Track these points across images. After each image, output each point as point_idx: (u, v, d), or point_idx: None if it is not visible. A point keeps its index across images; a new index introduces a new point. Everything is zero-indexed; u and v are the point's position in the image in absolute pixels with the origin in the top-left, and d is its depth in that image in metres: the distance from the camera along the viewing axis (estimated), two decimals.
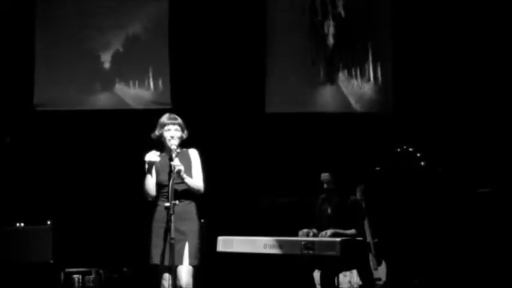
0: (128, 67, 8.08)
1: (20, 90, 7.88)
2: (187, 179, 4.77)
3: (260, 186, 7.63)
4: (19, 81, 7.88)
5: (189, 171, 4.84)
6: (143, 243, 4.90)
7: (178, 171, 4.68)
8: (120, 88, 8.04)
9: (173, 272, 4.66)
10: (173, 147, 4.80)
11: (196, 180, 4.86)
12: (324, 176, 5.94)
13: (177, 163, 4.70)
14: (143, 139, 5.19)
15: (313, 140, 7.73)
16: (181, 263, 4.70)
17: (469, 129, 7.46)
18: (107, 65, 8.06)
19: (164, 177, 4.83)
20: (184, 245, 4.71)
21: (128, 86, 8.05)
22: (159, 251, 4.74)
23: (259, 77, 8.03)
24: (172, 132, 4.87)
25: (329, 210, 5.92)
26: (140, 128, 5.76)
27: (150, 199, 4.85)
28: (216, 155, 6.65)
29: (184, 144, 4.97)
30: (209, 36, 7.97)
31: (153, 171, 4.86)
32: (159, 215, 4.82)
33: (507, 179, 6.95)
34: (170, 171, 4.70)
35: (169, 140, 4.85)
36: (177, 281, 4.69)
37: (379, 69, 8.05)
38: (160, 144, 4.91)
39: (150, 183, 4.84)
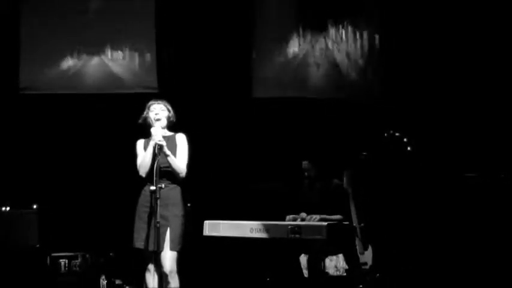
0: (115, 46, 8.06)
1: (5, 74, 7.83)
2: (170, 157, 4.79)
3: (247, 171, 7.64)
4: (4, 65, 7.83)
5: (174, 155, 4.86)
6: (129, 228, 4.96)
7: (160, 147, 4.69)
8: (105, 65, 8.02)
9: (158, 255, 4.71)
10: (156, 123, 4.83)
11: (179, 161, 4.86)
12: (304, 164, 6.02)
13: (158, 138, 4.71)
14: (130, 124, 5.25)
15: (300, 125, 7.76)
16: (163, 248, 4.72)
17: (458, 114, 7.49)
18: (93, 41, 8.02)
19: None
20: (166, 231, 4.73)
21: (115, 61, 8.03)
22: (142, 236, 4.79)
23: (245, 61, 8.02)
24: (157, 110, 4.93)
25: (313, 198, 5.96)
26: (127, 112, 5.81)
27: (144, 175, 4.84)
28: (202, 139, 6.64)
29: (172, 129, 5.02)
30: (194, 19, 7.93)
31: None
32: (143, 199, 4.87)
33: (495, 164, 7.00)
34: (155, 154, 4.72)
35: (154, 119, 4.89)
36: (161, 268, 4.73)
37: (367, 53, 8.05)
38: (148, 129, 4.94)
39: (149, 158, 4.79)
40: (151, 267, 4.83)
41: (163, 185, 4.67)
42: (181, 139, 4.99)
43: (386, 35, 7.98)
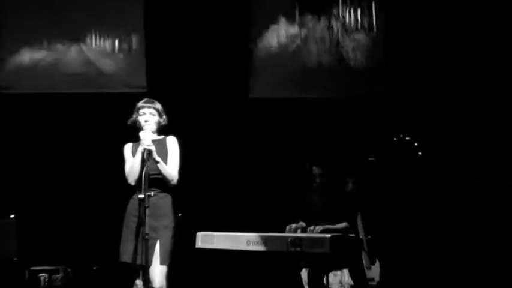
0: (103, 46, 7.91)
1: None
2: (161, 164, 4.69)
3: (243, 176, 7.54)
4: None
5: (164, 160, 4.76)
6: (115, 240, 4.80)
7: (149, 152, 4.60)
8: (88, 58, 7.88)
9: (146, 269, 4.58)
10: (145, 127, 4.76)
11: (170, 167, 4.76)
12: (314, 169, 5.92)
13: (147, 143, 4.63)
14: (117, 126, 5.15)
15: (300, 127, 7.63)
16: (151, 262, 4.59)
17: (467, 119, 7.35)
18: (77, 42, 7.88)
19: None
20: (155, 243, 4.63)
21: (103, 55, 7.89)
22: (130, 248, 4.65)
23: (243, 60, 7.88)
24: (147, 116, 4.84)
25: (319, 203, 5.83)
26: (113, 114, 5.92)
27: (133, 183, 4.70)
28: (195, 143, 6.54)
29: (163, 132, 4.91)
30: (189, 14, 7.78)
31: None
32: (132, 207, 4.75)
33: (504, 171, 6.90)
34: (143, 160, 4.61)
35: (143, 124, 4.80)
36: (150, 284, 4.61)
37: (371, 53, 7.92)
38: (137, 132, 4.81)
39: (138, 164, 4.65)
40: (139, 282, 4.67)
41: (152, 194, 4.57)
42: (172, 143, 4.87)
43: (391, 35, 7.89)
